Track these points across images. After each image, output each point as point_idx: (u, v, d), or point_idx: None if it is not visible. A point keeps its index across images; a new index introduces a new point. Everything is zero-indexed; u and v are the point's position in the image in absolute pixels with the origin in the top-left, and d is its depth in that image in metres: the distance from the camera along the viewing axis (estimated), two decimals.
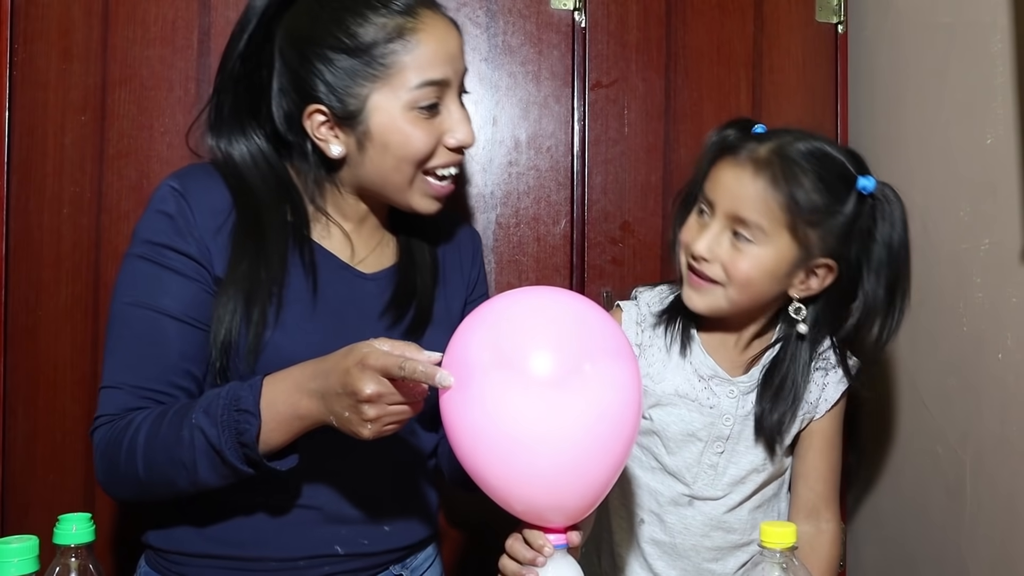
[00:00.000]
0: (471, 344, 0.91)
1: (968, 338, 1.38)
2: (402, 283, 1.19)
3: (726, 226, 1.14)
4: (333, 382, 0.93)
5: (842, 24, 1.69)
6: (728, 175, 1.15)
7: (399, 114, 1.07)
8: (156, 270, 1.07)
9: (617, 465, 0.92)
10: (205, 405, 1.00)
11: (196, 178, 1.12)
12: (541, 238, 1.59)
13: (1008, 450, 1.30)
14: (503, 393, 0.87)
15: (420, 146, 1.08)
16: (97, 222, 1.44)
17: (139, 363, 1.06)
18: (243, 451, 0.98)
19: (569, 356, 0.89)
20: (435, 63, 1.07)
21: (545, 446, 0.87)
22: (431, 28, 1.08)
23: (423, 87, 1.06)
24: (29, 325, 1.42)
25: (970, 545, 1.37)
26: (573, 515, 0.93)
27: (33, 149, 1.43)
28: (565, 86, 1.60)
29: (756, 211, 1.12)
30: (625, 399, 0.90)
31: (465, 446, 0.90)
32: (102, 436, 1.05)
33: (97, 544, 0.88)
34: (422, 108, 1.07)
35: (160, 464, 1.01)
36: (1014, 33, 1.28)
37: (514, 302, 0.96)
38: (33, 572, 0.82)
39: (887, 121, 1.62)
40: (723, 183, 1.15)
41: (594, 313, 0.95)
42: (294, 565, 1.10)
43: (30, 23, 1.42)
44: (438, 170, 1.12)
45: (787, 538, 0.89)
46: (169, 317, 1.06)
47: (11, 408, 1.42)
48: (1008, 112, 1.29)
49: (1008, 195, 1.29)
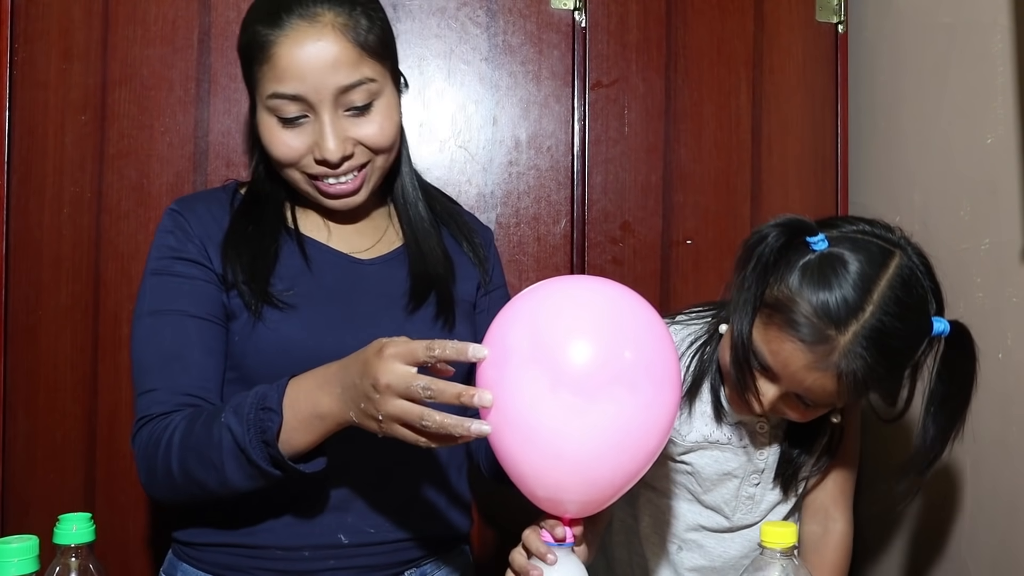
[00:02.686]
0: (513, 329, 0.89)
1: None
2: (416, 266, 1.19)
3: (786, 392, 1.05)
4: (353, 373, 0.92)
5: (842, 24, 1.69)
6: (795, 365, 1.01)
7: (264, 118, 1.11)
8: (168, 280, 1.11)
9: (641, 468, 0.91)
10: (235, 404, 1.00)
11: (196, 198, 1.19)
12: (541, 238, 1.59)
13: (1008, 450, 1.30)
14: (537, 387, 0.85)
15: (277, 152, 1.10)
16: (97, 222, 1.44)
17: (169, 365, 1.07)
18: (267, 450, 0.97)
19: (610, 369, 0.86)
20: (285, 78, 1.06)
21: (571, 444, 0.86)
22: (291, 42, 1.05)
23: (272, 99, 1.08)
24: (29, 325, 1.42)
25: (970, 545, 1.37)
26: (590, 507, 0.93)
27: (33, 149, 1.43)
28: (565, 86, 1.60)
29: (826, 399, 1.04)
30: (657, 419, 0.89)
31: (494, 425, 0.88)
32: (143, 438, 1.06)
33: (98, 544, 0.88)
34: (280, 119, 1.09)
35: (192, 464, 1.01)
36: (1014, 33, 1.28)
37: (562, 296, 0.92)
38: (33, 572, 0.82)
39: (887, 121, 1.62)
40: (789, 370, 1.02)
41: (652, 326, 0.91)
42: (299, 555, 1.10)
43: (30, 23, 1.42)
44: (319, 177, 1.12)
45: (787, 538, 0.89)
46: (189, 316, 1.09)
47: (11, 408, 1.42)
48: (1008, 112, 1.29)
49: (1008, 195, 1.29)
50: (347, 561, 1.11)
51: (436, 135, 1.57)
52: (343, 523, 1.11)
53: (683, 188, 1.63)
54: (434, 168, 1.56)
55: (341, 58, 1.06)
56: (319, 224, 1.19)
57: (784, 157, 1.67)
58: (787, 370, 1.02)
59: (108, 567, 0.92)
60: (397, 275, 1.18)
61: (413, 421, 0.89)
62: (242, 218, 1.15)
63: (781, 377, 1.03)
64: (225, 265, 1.11)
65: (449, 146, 1.57)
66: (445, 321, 1.17)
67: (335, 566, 1.11)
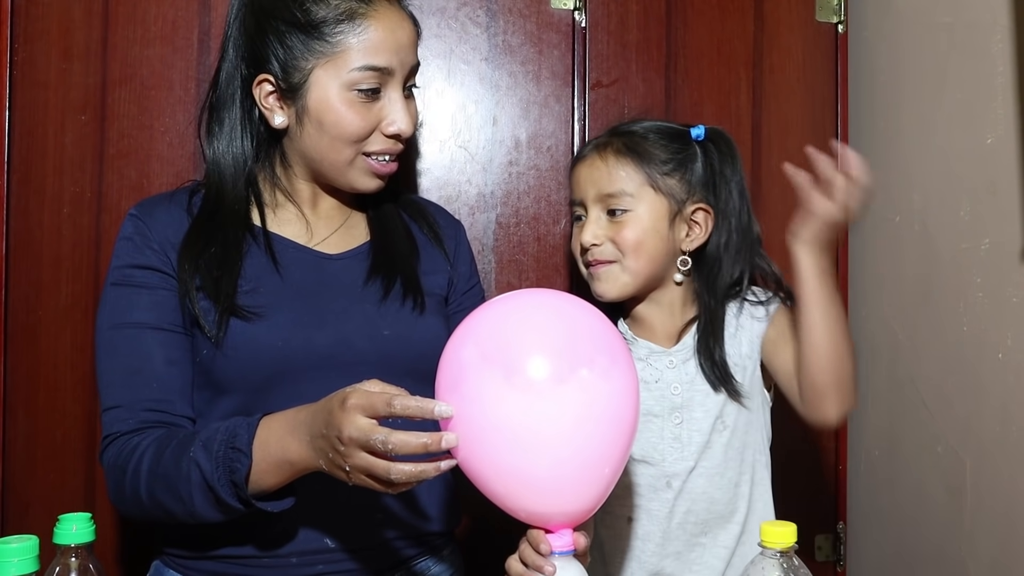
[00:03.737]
0: (465, 348, 0.90)
1: (968, 338, 1.38)
2: (379, 255, 1.20)
3: (600, 211, 1.24)
4: (319, 422, 0.92)
5: (842, 24, 1.69)
6: (581, 171, 1.27)
7: (336, 93, 1.10)
8: (126, 291, 1.10)
9: (617, 467, 0.92)
10: (205, 439, 0.99)
11: (156, 201, 1.18)
12: (541, 238, 1.59)
13: (1008, 450, 1.30)
14: (498, 397, 0.86)
15: (352, 128, 1.11)
16: (97, 222, 1.44)
17: (130, 379, 1.07)
18: (235, 489, 0.97)
19: (566, 360, 0.88)
20: (380, 50, 1.10)
21: (542, 449, 0.86)
22: (382, 16, 1.11)
23: (363, 71, 1.10)
24: (29, 325, 1.42)
25: (970, 545, 1.37)
26: (575, 517, 0.93)
27: (33, 149, 1.43)
28: (565, 86, 1.60)
29: (616, 181, 1.23)
30: (622, 401, 0.90)
31: (463, 447, 0.89)
32: (109, 457, 1.06)
33: (98, 544, 0.88)
34: (361, 91, 1.10)
35: (160, 493, 1.01)
36: (1014, 33, 1.28)
37: (507, 307, 0.95)
38: (33, 572, 0.82)
39: (887, 121, 1.62)
40: (580, 179, 1.27)
41: (588, 314, 0.95)
42: (287, 562, 1.09)
43: (30, 23, 1.42)
44: (375, 155, 1.15)
45: (787, 538, 0.89)
46: (148, 328, 1.08)
47: (11, 408, 1.42)
48: (1008, 112, 1.29)
49: (1008, 195, 1.29)
50: (335, 565, 1.11)
51: (436, 135, 1.57)
52: (329, 527, 1.10)
53: None
54: (434, 168, 1.56)
55: (414, 39, 1.16)
56: (296, 219, 1.19)
57: (784, 157, 1.66)
58: (579, 183, 1.26)
59: (108, 567, 0.91)
60: (364, 269, 1.18)
61: (380, 475, 0.88)
62: (202, 224, 1.14)
63: (585, 196, 1.25)
64: (185, 274, 1.09)
65: (449, 146, 1.57)
66: (415, 304, 1.17)
67: (324, 571, 1.10)
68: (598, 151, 1.26)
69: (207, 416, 1.10)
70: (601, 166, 1.24)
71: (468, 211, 1.56)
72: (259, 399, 1.07)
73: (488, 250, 1.56)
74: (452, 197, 1.56)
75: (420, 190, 1.55)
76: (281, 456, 0.96)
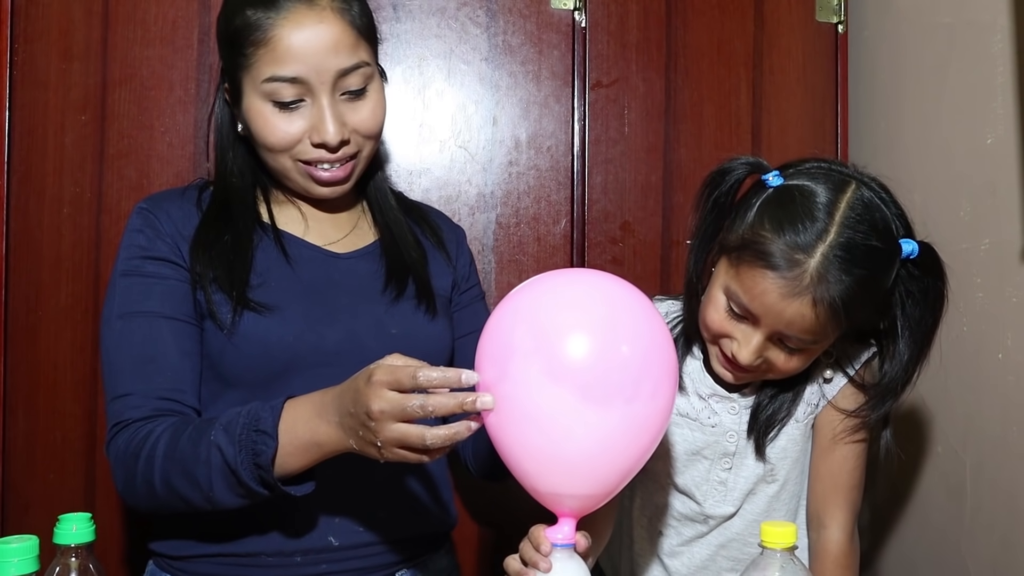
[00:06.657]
0: (517, 331, 0.88)
1: (968, 338, 1.38)
2: (393, 258, 1.19)
3: (767, 337, 1.06)
4: (347, 401, 0.92)
5: (842, 24, 1.69)
6: (771, 296, 1.02)
7: (256, 104, 1.10)
8: (138, 281, 1.09)
9: (636, 464, 0.92)
10: (225, 422, 0.99)
11: (165, 195, 1.18)
12: (541, 238, 1.59)
13: (1008, 450, 1.30)
14: (539, 387, 0.86)
15: (273, 139, 1.10)
16: (97, 222, 1.44)
17: (142, 368, 1.06)
18: (258, 472, 0.97)
19: (613, 386, 0.87)
20: (285, 60, 1.06)
21: (569, 442, 0.86)
22: (291, 23, 1.06)
23: (271, 82, 1.07)
24: (29, 325, 1.42)
25: (970, 545, 1.37)
26: (586, 503, 0.93)
27: (33, 149, 1.43)
28: (565, 86, 1.60)
29: (807, 332, 1.04)
30: (655, 423, 0.91)
31: (496, 420, 0.89)
32: (119, 445, 1.04)
33: (98, 544, 0.88)
34: (276, 103, 1.09)
35: (176, 480, 1.00)
36: (1014, 33, 1.28)
37: (567, 295, 0.92)
38: (33, 572, 0.82)
39: (887, 121, 1.62)
40: (766, 304, 1.02)
41: (649, 332, 0.91)
42: (291, 561, 1.09)
43: (30, 23, 1.42)
44: (314, 163, 1.12)
45: (787, 538, 0.89)
46: (161, 318, 1.08)
47: (11, 408, 1.42)
48: (1008, 112, 1.29)
49: (1008, 195, 1.29)
50: (339, 564, 1.11)
51: (436, 135, 1.57)
52: (332, 526, 1.10)
53: (683, 188, 1.63)
54: (434, 168, 1.56)
55: (341, 41, 1.08)
56: (297, 218, 1.19)
57: (784, 157, 1.64)
58: (765, 305, 1.02)
59: (108, 567, 0.92)
60: (373, 269, 1.19)
61: (415, 443, 0.88)
62: (214, 218, 1.14)
63: (760, 316, 1.03)
64: (198, 266, 1.09)
65: (449, 146, 1.57)
66: (427, 308, 1.18)
67: (327, 570, 1.10)
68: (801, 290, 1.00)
69: (211, 410, 1.10)
70: (798, 315, 1.01)
71: (468, 211, 1.56)
72: (265, 394, 1.06)
73: (488, 250, 1.56)
74: (452, 197, 1.56)
75: (420, 190, 1.55)
76: (310, 438, 0.95)
